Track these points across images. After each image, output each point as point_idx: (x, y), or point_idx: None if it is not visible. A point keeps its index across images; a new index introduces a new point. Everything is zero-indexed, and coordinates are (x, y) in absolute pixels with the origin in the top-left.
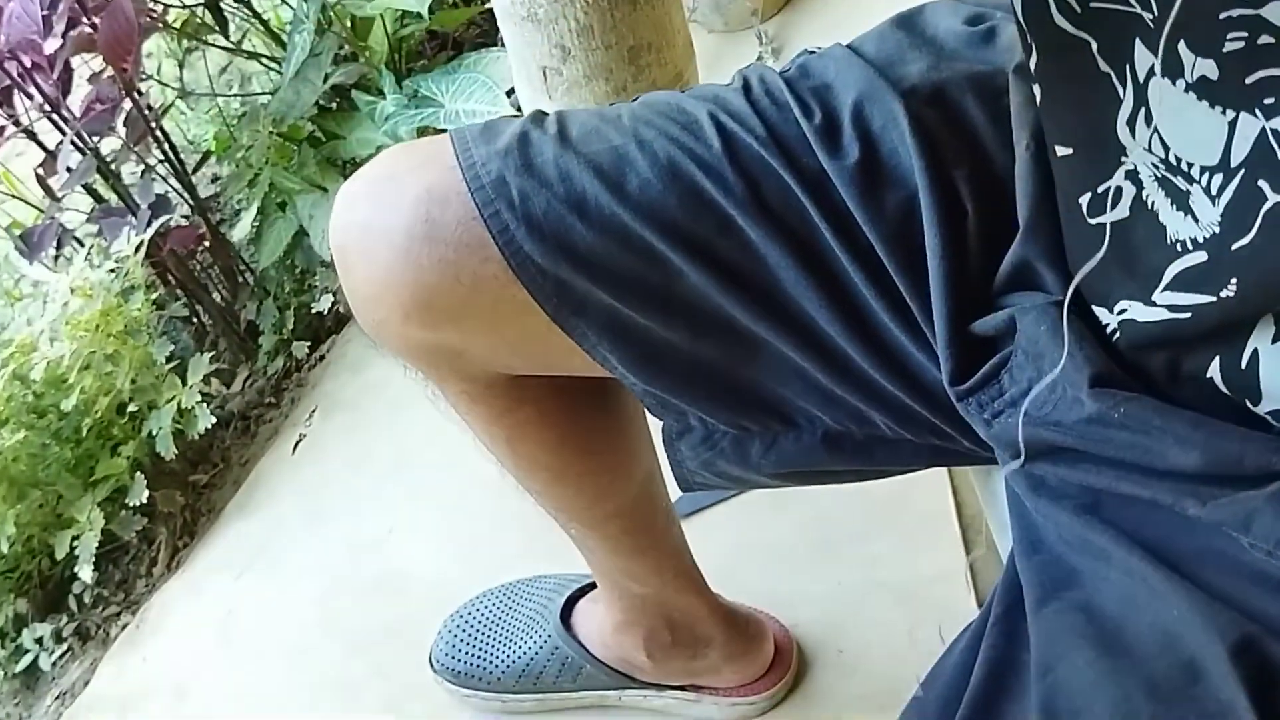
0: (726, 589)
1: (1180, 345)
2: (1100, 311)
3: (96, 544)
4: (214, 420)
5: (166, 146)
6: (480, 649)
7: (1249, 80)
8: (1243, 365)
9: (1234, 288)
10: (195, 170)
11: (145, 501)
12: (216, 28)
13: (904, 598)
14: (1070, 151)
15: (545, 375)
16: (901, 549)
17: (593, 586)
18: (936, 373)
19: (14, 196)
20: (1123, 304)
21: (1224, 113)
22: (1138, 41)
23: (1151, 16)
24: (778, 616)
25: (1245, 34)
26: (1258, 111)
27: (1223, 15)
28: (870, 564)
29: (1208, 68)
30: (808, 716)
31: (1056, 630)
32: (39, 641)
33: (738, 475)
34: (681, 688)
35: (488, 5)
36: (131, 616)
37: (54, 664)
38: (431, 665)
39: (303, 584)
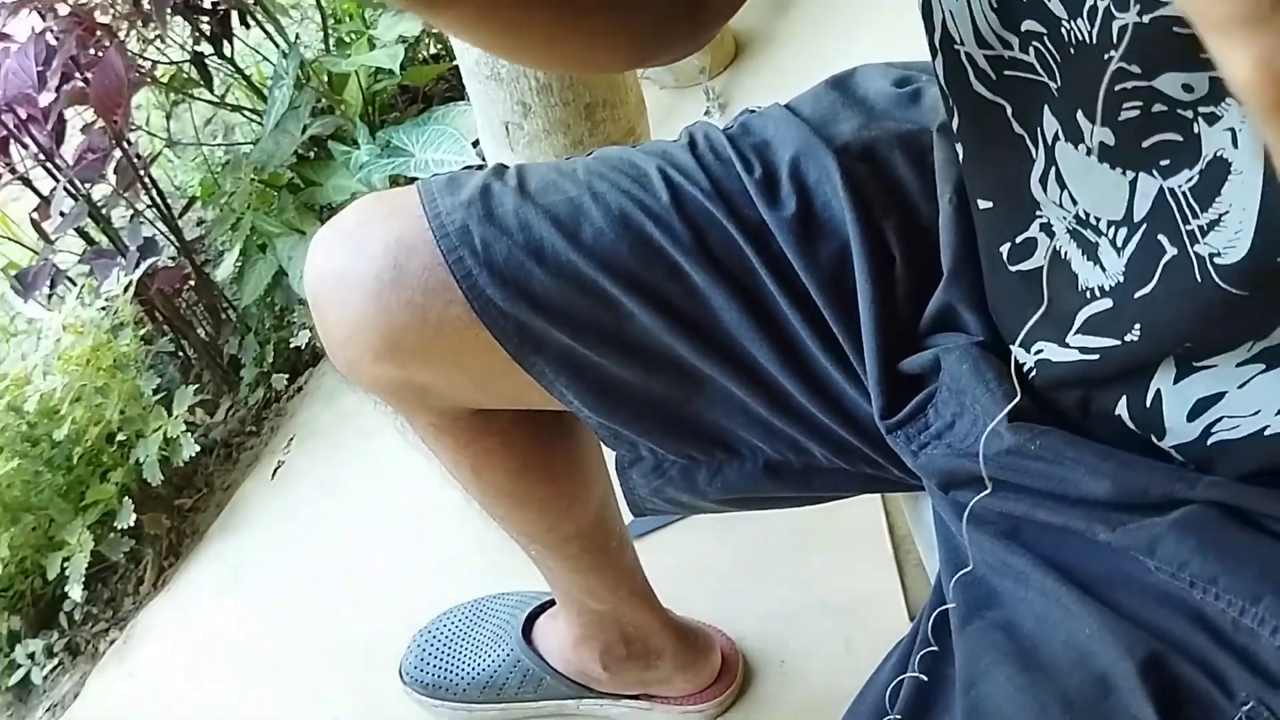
0: (676, 605)
1: (1090, 384)
2: (1019, 351)
3: (86, 564)
4: (198, 448)
5: (154, 192)
6: (447, 662)
7: (1145, 144)
8: (1147, 404)
9: (1137, 333)
10: (181, 214)
11: (133, 525)
12: (202, 82)
13: (840, 613)
14: (990, 205)
15: (507, 409)
16: (838, 568)
17: (552, 603)
18: (868, 407)
19: (10, 239)
20: (1040, 345)
21: (1124, 173)
22: (1046, 108)
23: (1056, 85)
24: (724, 630)
25: (1139, 106)
26: (1155, 172)
27: (1120, 89)
28: (809, 582)
29: (1105, 134)
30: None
31: (979, 647)
32: (31, 656)
33: (686, 501)
34: (635, 697)
35: (455, 63)
36: (119, 632)
37: (45, 677)
38: (401, 678)
39: (281, 601)
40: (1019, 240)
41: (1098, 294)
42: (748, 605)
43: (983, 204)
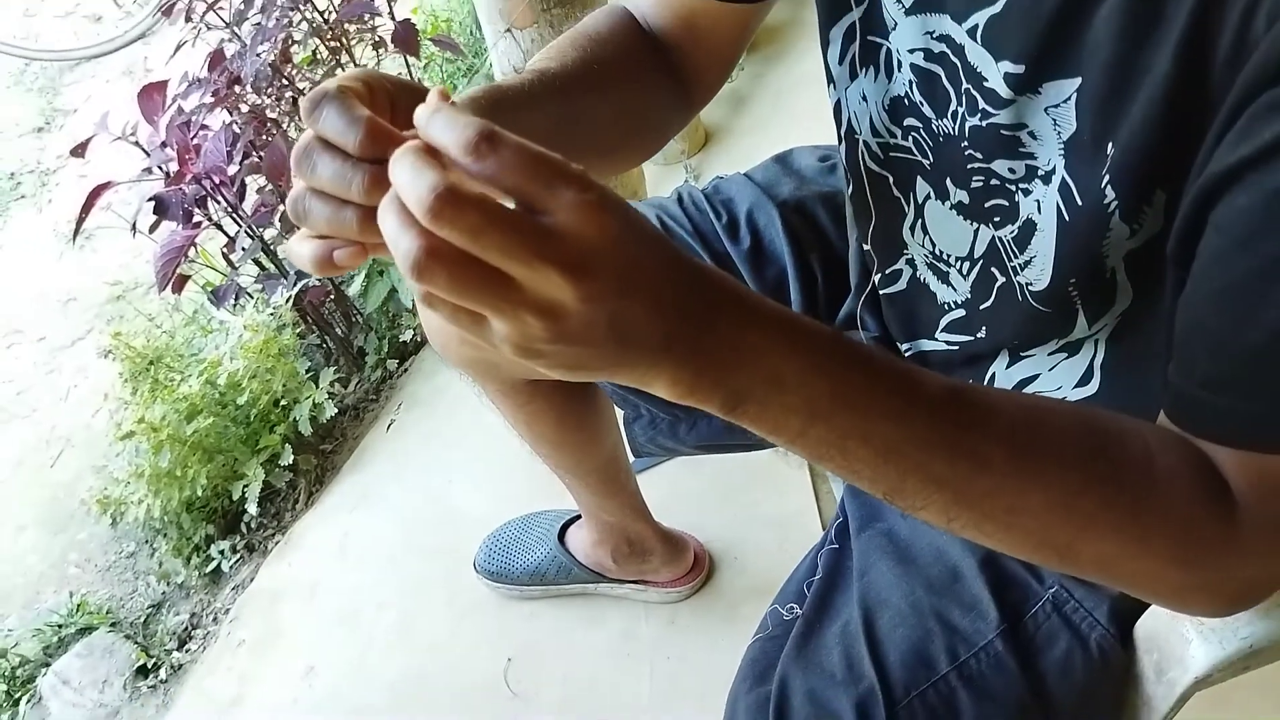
0: (664, 517)
1: (951, 366)
2: (904, 346)
3: (259, 490)
4: (336, 410)
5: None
6: (506, 557)
7: (986, 205)
8: (985, 381)
9: (983, 332)
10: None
11: (291, 463)
12: None
13: (775, 524)
14: (871, 247)
15: (549, 380)
16: (774, 493)
17: (579, 517)
18: None
19: (208, 266)
20: (920, 341)
21: (971, 224)
22: (918, 177)
23: (929, 163)
24: (696, 536)
25: (981, 179)
26: (990, 225)
27: (969, 167)
28: (755, 504)
29: (961, 197)
30: (716, 599)
31: (869, 548)
32: (221, 553)
33: (671, 446)
34: (635, 582)
35: None
36: (282, 536)
37: (231, 567)
38: (475, 568)
39: (393, 516)
40: (888, 272)
41: (952, 307)
42: (712, 519)
43: (866, 246)
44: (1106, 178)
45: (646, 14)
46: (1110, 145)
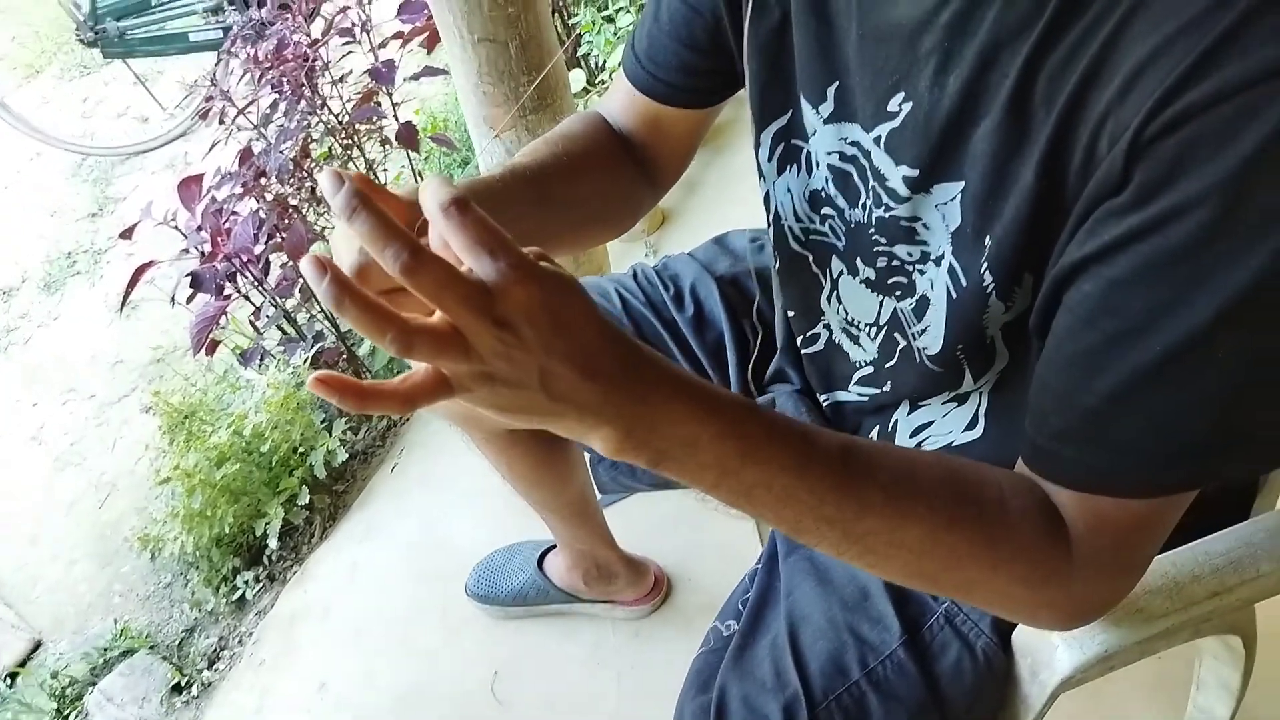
0: (628, 545)
1: (863, 414)
2: (822, 397)
3: (279, 526)
4: (347, 455)
5: (323, 304)
6: (493, 582)
7: (889, 281)
8: (889, 428)
9: (888, 386)
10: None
11: (308, 502)
12: None
13: (723, 549)
14: (794, 313)
15: (527, 430)
16: (722, 523)
17: (554, 546)
18: None
19: (238, 332)
20: (836, 393)
21: (877, 296)
22: (833, 257)
23: (843, 245)
24: (657, 561)
25: (885, 260)
26: (893, 296)
27: (875, 250)
28: (705, 532)
29: (869, 274)
30: (674, 615)
31: (794, 571)
32: (246, 583)
33: (631, 484)
34: (604, 601)
35: None
36: (299, 567)
37: (254, 595)
38: (465, 592)
39: (395, 547)
40: (808, 335)
41: (862, 365)
42: (670, 546)
43: (790, 312)
44: (985, 264)
45: (615, 116)
46: (988, 238)
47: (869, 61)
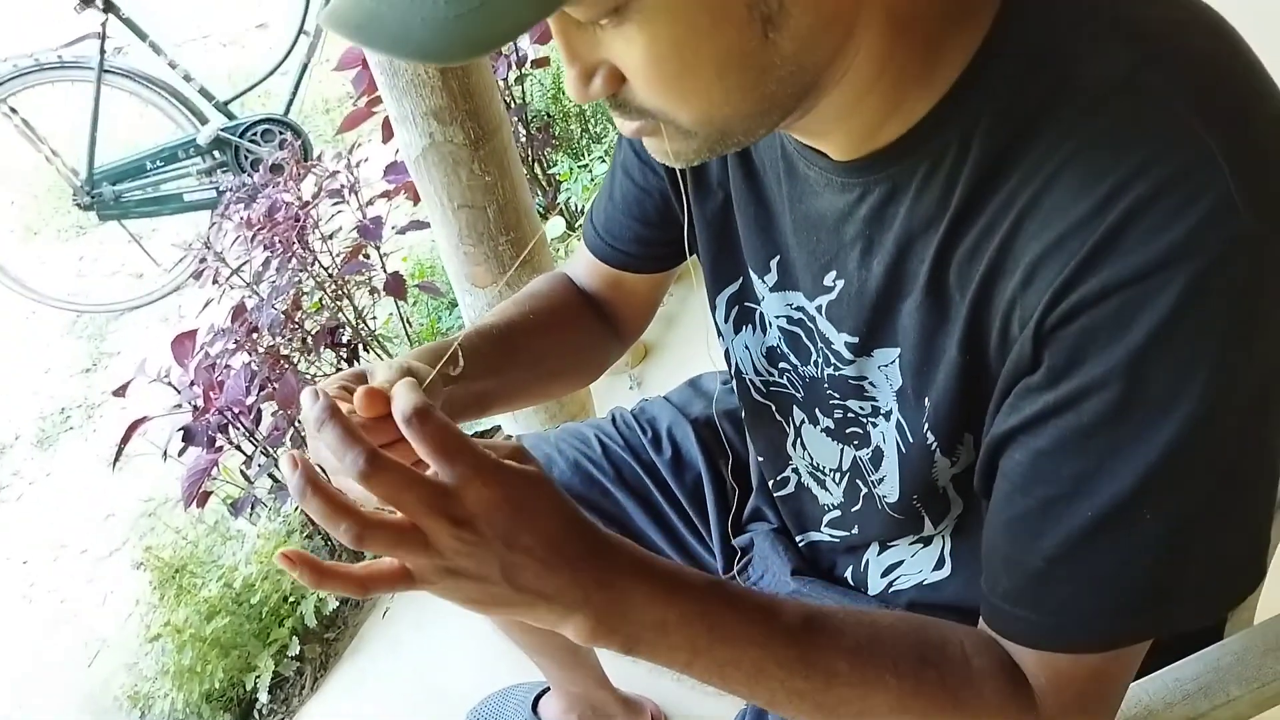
0: (623, 684)
1: (836, 553)
2: (797, 537)
3: (270, 679)
4: (338, 602)
5: None
6: None
7: (846, 431)
8: (861, 568)
9: (855, 530)
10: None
11: (298, 652)
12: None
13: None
14: (764, 458)
15: None
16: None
17: (549, 689)
18: (715, 565)
19: (229, 481)
20: (809, 533)
21: (838, 444)
22: (794, 406)
23: (801, 396)
24: (653, 699)
25: (841, 412)
26: (852, 445)
27: (831, 402)
28: None
29: (828, 423)
30: None
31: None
32: None
33: None
34: None
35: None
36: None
37: None
38: None
39: (388, 695)
40: (778, 478)
41: (830, 508)
42: (665, 683)
43: (759, 457)
44: (927, 424)
45: (580, 278)
46: (926, 400)
47: (803, 243)
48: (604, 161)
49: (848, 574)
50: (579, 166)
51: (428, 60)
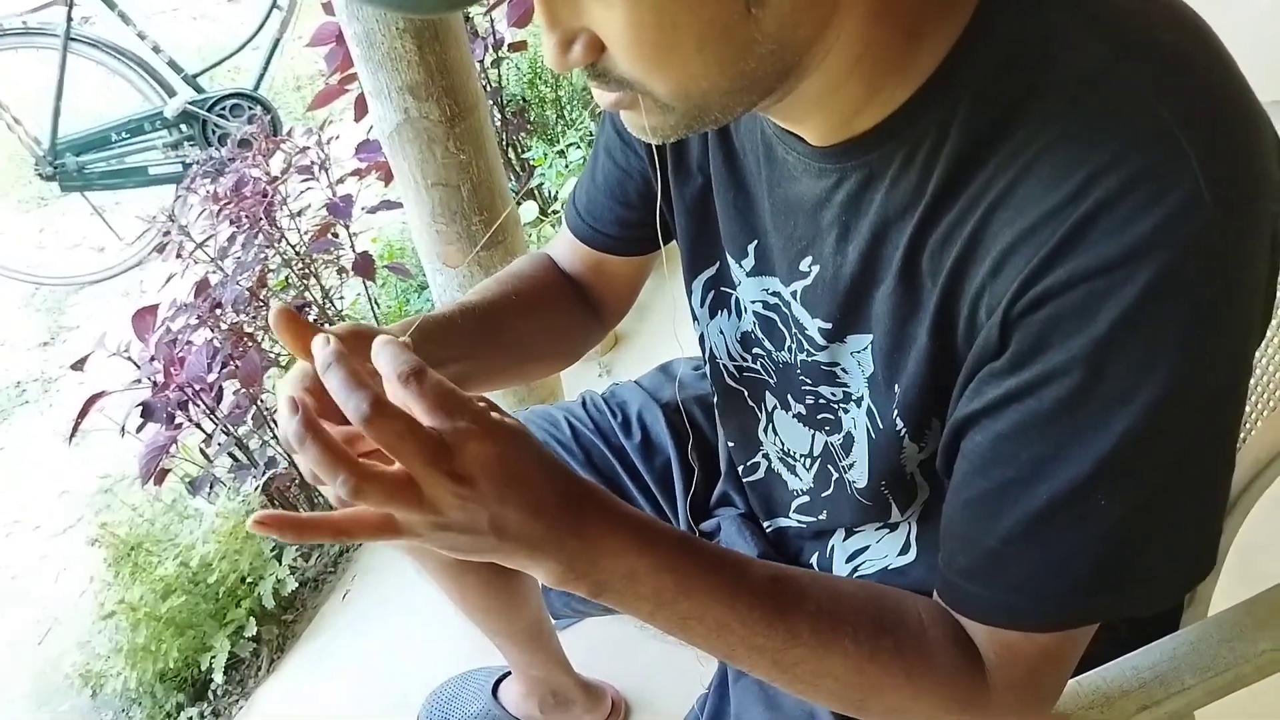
0: (584, 669)
1: (803, 539)
2: (765, 522)
3: (225, 660)
4: (297, 584)
5: (275, 430)
6: (446, 712)
7: (818, 417)
8: (827, 553)
9: (824, 515)
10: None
11: (255, 634)
12: None
13: (680, 671)
14: (734, 444)
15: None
16: (677, 644)
17: (510, 673)
18: None
19: (187, 460)
20: (777, 519)
21: (809, 430)
22: (767, 392)
23: (774, 382)
24: (614, 685)
25: (813, 398)
26: (823, 431)
27: (803, 388)
28: (662, 653)
29: (800, 409)
30: None
31: (744, 695)
32: (190, 719)
33: (583, 609)
34: None
35: None
36: (245, 702)
37: None
38: None
39: (347, 678)
40: (748, 464)
41: (799, 494)
42: (626, 669)
43: (730, 442)
44: (896, 410)
45: (562, 259)
46: (896, 386)
47: (779, 227)
48: (579, 148)
49: (813, 560)
50: (553, 152)
51: (405, 10)
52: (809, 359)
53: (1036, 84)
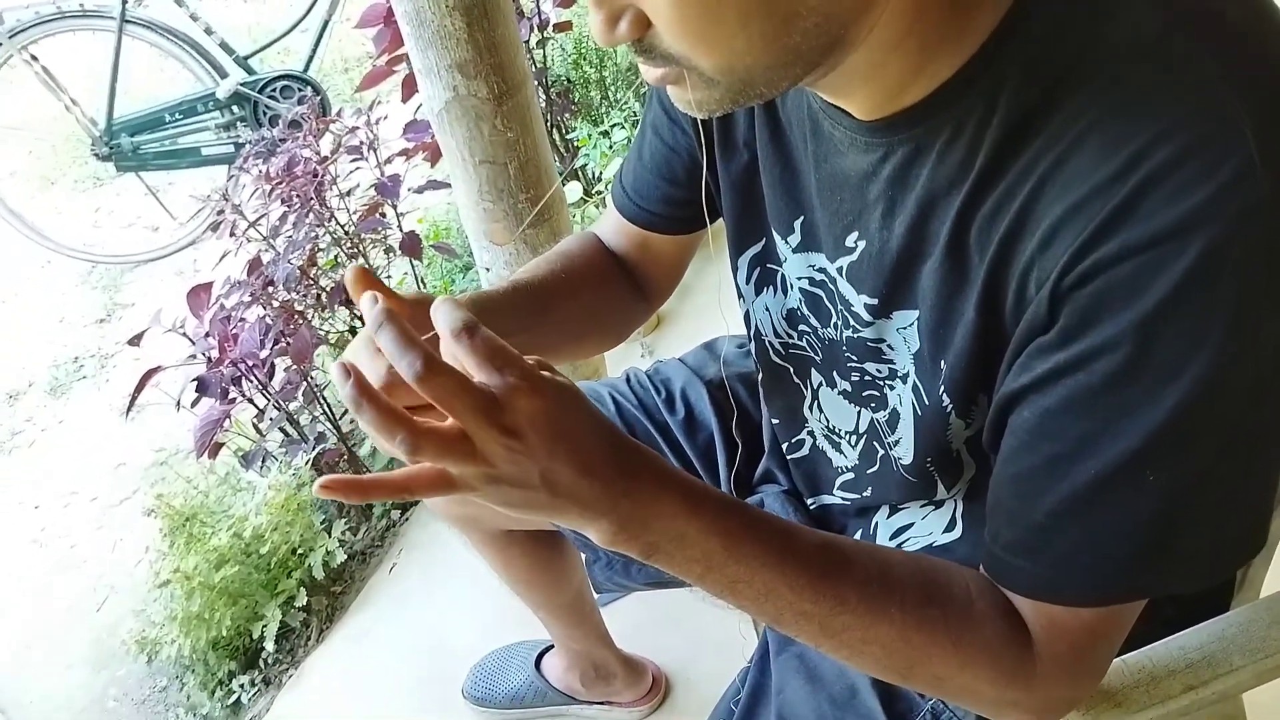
0: (626, 645)
1: (847, 516)
2: (809, 500)
3: (276, 629)
4: (346, 556)
5: (325, 406)
6: (489, 684)
7: (864, 394)
8: (871, 530)
9: (869, 492)
10: (341, 417)
11: (305, 604)
12: None
13: (721, 647)
14: (779, 421)
15: (524, 530)
16: (718, 621)
17: (552, 646)
18: None
19: (240, 434)
20: (821, 496)
21: (855, 407)
22: (812, 369)
23: (819, 359)
24: (654, 660)
25: (858, 375)
26: (869, 408)
27: (849, 365)
28: (702, 630)
29: (845, 386)
30: (672, 715)
31: (784, 669)
32: (241, 686)
33: (626, 583)
34: (601, 702)
35: None
36: (295, 670)
37: (249, 699)
38: (462, 694)
39: (392, 649)
40: (793, 441)
41: (844, 471)
42: (668, 644)
43: (775, 420)
44: (943, 387)
45: (608, 239)
46: (943, 363)
47: (826, 203)
48: (623, 128)
49: (857, 537)
50: (598, 132)
51: None
52: (855, 335)
53: (1087, 54)
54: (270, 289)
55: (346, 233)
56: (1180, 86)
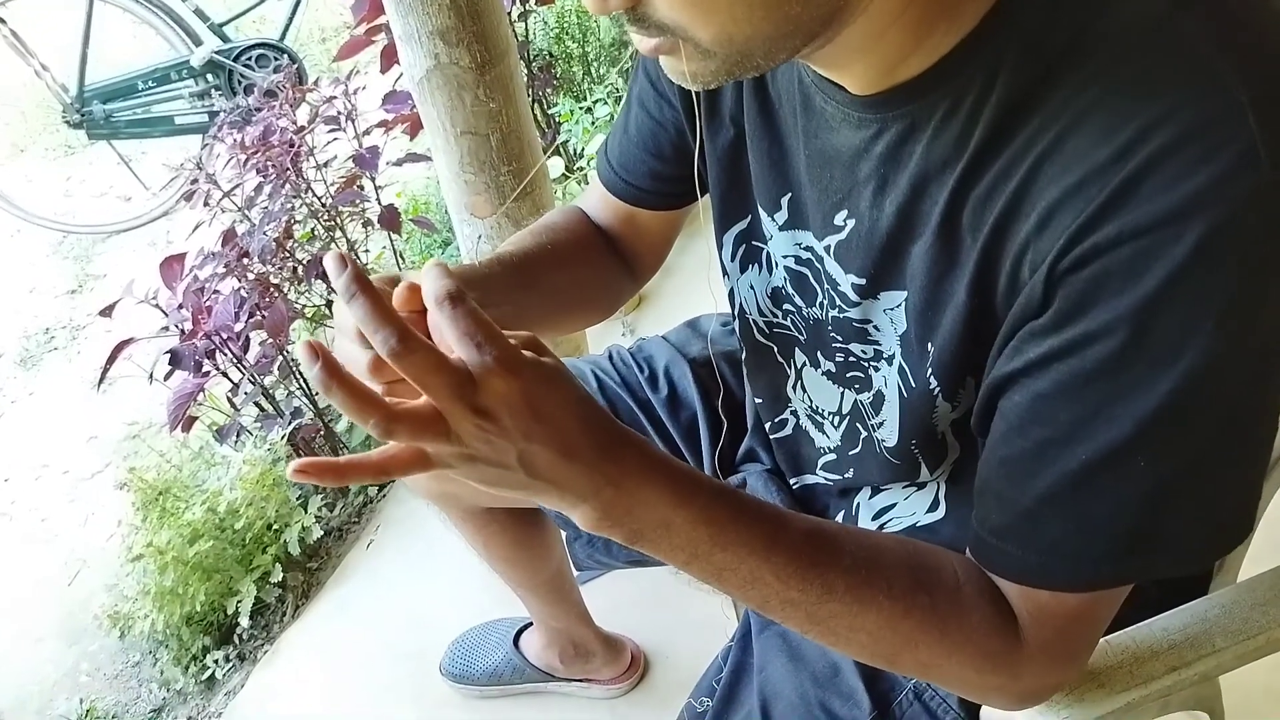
0: (605, 622)
1: (829, 496)
2: (791, 479)
3: (251, 604)
4: (322, 532)
5: (301, 380)
6: (467, 661)
7: (848, 375)
8: (853, 511)
9: (851, 473)
10: (318, 393)
11: (280, 580)
12: (331, 316)
13: (700, 626)
14: (762, 400)
15: (503, 508)
16: (698, 600)
17: (531, 624)
18: None
19: (215, 408)
20: (804, 476)
21: (838, 388)
22: (796, 349)
23: (803, 339)
24: (633, 638)
25: (843, 355)
26: (853, 389)
27: (833, 345)
28: (682, 609)
29: (829, 366)
30: (650, 693)
31: (766, 647)
32: (215, 662)
33: (607, 561)
34: (580, 680)
35: None
36: (270, 646)
37: (224, 675)
38: (440, 671)
39: (369, 626)
40: (776, 420)
41: (826, 451)
42: (647, 623)
43: (758, 399)
44: (930, 369)
45: (594, 213)
46: (930, 345)
47: (815, 180)
48: (605, 104)
49: (839, 517)
50: (580, 108)
51: None
52: (840, 315)
53: (1088, 32)
54: (245, 261)
55: (324, 205)
56: (1183, 67)
